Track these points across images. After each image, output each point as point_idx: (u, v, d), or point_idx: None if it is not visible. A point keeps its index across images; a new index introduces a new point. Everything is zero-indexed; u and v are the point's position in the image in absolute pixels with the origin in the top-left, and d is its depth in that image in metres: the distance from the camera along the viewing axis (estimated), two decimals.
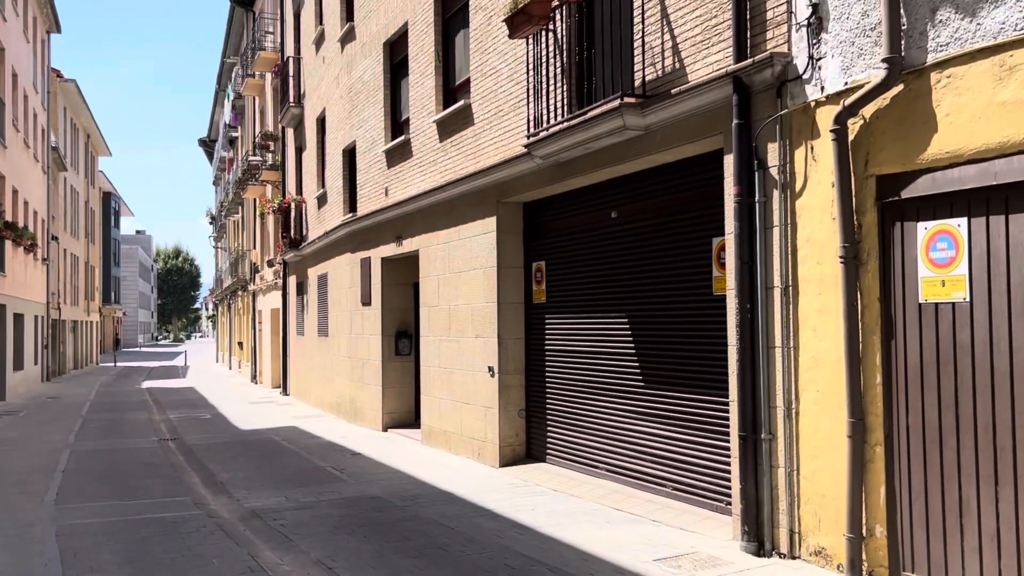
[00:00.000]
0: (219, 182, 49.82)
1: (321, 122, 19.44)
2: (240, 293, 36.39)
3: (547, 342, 10.31)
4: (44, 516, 8.43)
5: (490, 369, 10.63)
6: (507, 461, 10.49)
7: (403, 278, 14.79)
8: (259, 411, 19.72)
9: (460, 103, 11.38)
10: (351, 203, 16.84)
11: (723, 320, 7.30)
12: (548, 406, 10.28)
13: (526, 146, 9.12)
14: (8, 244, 23.06)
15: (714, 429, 7.55)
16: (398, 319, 14.76)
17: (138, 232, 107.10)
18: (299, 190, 22.23)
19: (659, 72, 7.56)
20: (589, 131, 8.01)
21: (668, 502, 8.01)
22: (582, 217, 9.60)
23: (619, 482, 8.86)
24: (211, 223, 52.89)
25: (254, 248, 31.22)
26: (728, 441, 7.20)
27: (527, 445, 10.64)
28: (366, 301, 15.36)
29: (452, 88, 12.22)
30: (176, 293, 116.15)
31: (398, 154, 13.75)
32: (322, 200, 19.00)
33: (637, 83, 7.69)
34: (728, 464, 7.24)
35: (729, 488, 7.24)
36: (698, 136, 7.15)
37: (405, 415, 14.78)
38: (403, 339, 14.70)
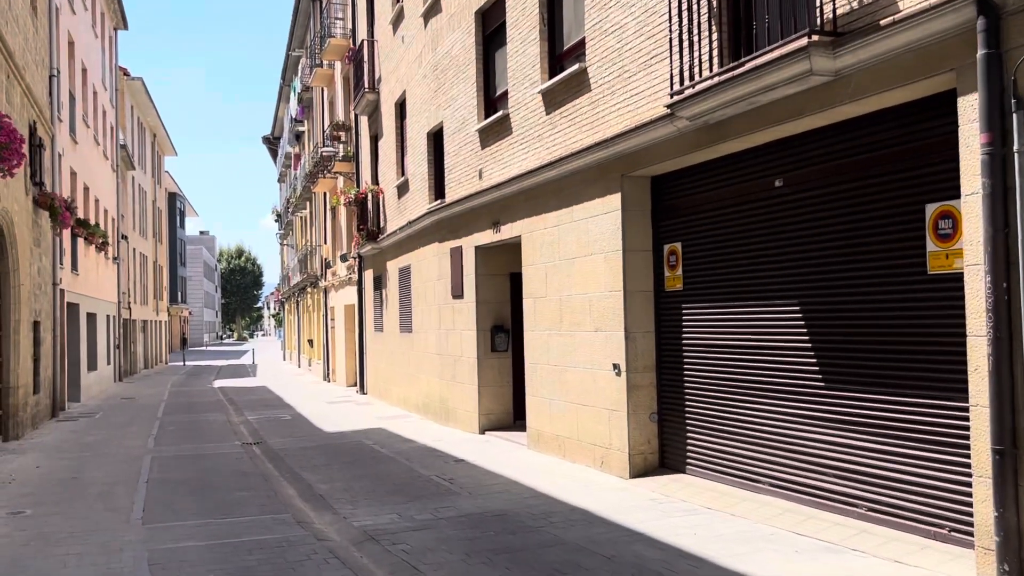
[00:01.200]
0: (284, 179, 49.49)
1: (400, 106, 18.40)
2: (309, 290, 35.78)
3: (685, 335, 9.02)
4: (133, 539, 7.45)
5: (615, 367, 9.37)
6: (638, 471, 9.23)
7: (499, 268, 13.62)
8: (339, 411, 18.80)
9: (572, 68, 10.13)
10: (438, 189, 15.74)
11: (945, 305, 5.92)
12: (687, 409, 8.99)
13: (669, 106, 7.83)
14: (80, 242, 22.59)
15: (933, 439, 6.17)
16: (493, 312, 13.60)
17: (202, 233, 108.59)
18: (375, 180, 21.26)
19: (853, 4, 6.20)
20: (759, 81, 6.69)
21: (863, 526, 6.66)
22: (732, 188, 8.28)
23: (789, 499, 7.53)
24: (277, 220, 52.65)
25: (325, 243, 30.48)
26: (959, 454, 5.83)
27: (660, 453, 9.36)
28: (457, 294, 14.24)
29: (559, 55, 10.98)
30: (239, 292, 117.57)
31: (494, 132, 12.57)
32: (403, 189, 17.96)
33: (824, 20, 6.34)
34: (959, 482, 5.87)
35: (958, 512, 5.87)
36: (913, 78, 5.78)
37: (503, 416, 13.62)
38: (499, 334, 13.54)
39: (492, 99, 13.13)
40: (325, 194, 29.82)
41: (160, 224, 50.37)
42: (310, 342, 36.33)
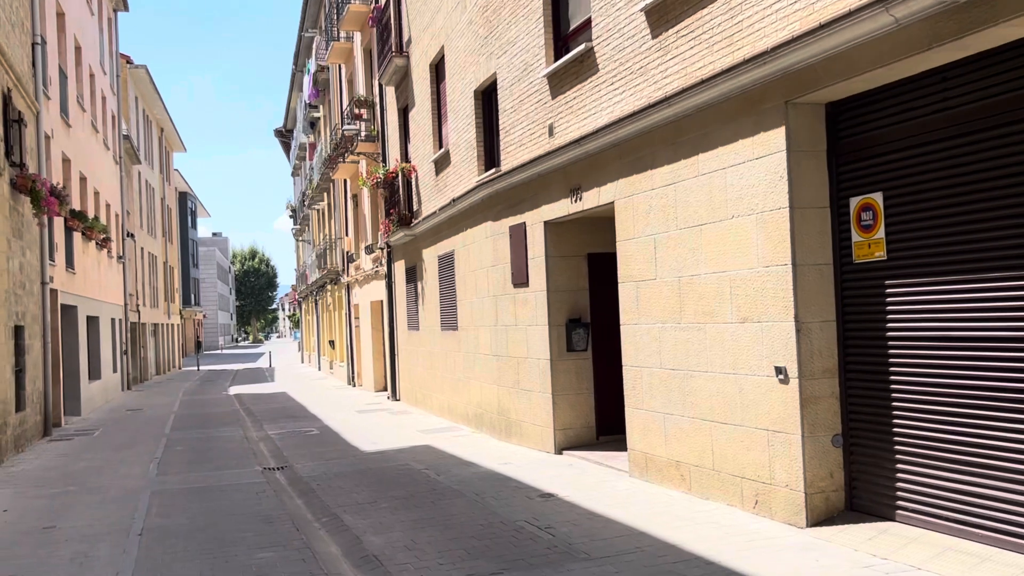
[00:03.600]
0: (299, 172, 47.07)
1: (436, 67, 15.82)
2: (329, 287, 33.29)
3: (889, 325, 6.37)
4: None
5: (779, 371, 6.74)
6: (819, 517, 6.59)
7: (575, 247, 11.03)
8: (373, 422, 16.27)
9: None
10: (489, 158, 13.14)
11: None
12: (896, 429, 6.34)
13: None
14: (77, 237, 20.15)
15: None
16: (569, 303, 11.00)
17: (215, 234, 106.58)
18: (405, 158, 18.69)
19: None
20: None
21: None
22: (977, 107, 5.63)
23: None
24: (291, 216, 50.27)
25: (346, 235, 27.96)
26: None
27: (848, 491, 6.71)
28: (520, 281, 11.64)
29: None
30: (253, 294, 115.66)
31: (571, 75, 9.96)
32: (442, 163, 15.37)
33: None
34: None
35: None
36: None
37: (584, 432, 11.01)
38: (577, 329, 10.93)
39: (564, 36, 10.51)
40: (346, 181, 27.31)
41: (170, 223, 48.05)
42: (331, 343, 33.85)
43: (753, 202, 6.98)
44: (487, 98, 13.20)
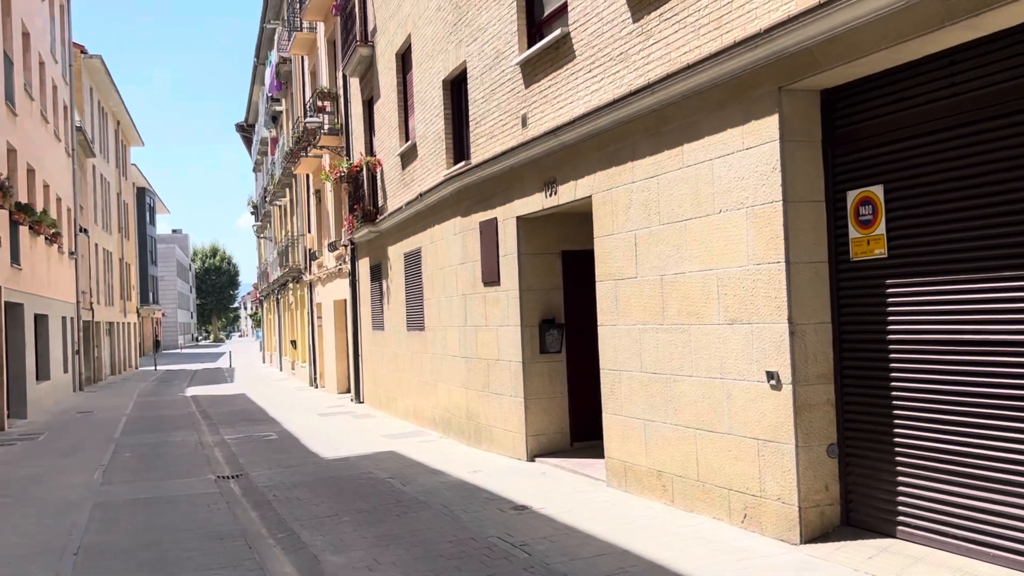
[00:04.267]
0: (260, 167, 46.03)
1: (403, 57, 15.22)
2: (291, 285, 32.45)
3: (889, 327, 5.95)
4: None
5: (770, 376, 6.30)
6: (813, 533, 6.15)
7: (549, 244, 10.53)
8: (335, 426, 15.63)
9: None
10: (458, 150, 12.59)
11: None
12: (897, 440, 5.92)
13: None
14: (24, 232, 19.20)
15: None
16: (542, 303, 10.49)
17: (174, 231, 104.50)
18: (369, 151, 18.06)
19: None
20: None
21: None
22: (989, 92, 5.22)
23: None
24: (253, 212, 49.21)
25: (309, 232, 27.20)
26: None
27: (844, 505, 6.28)
28: (491, 279, 11.11)
29: None
30: (215, 293, 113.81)
31: (545, 62, 9.45)
32: (408, 156, 14.78)
33: None
34: None
35: None
36: None
37: (557, 438, 10.52)
38: (551, 331, 10.43)
39: (538, 22, 10.00)
40: (308, 176, 26.57)
41: (127, 219, 46.72)
42: (293, 343, 33.02)
43: (743, 195, 6.53)
44: (456, 88, 12.65)
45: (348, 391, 22.31)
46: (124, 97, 38.89)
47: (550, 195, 9.54)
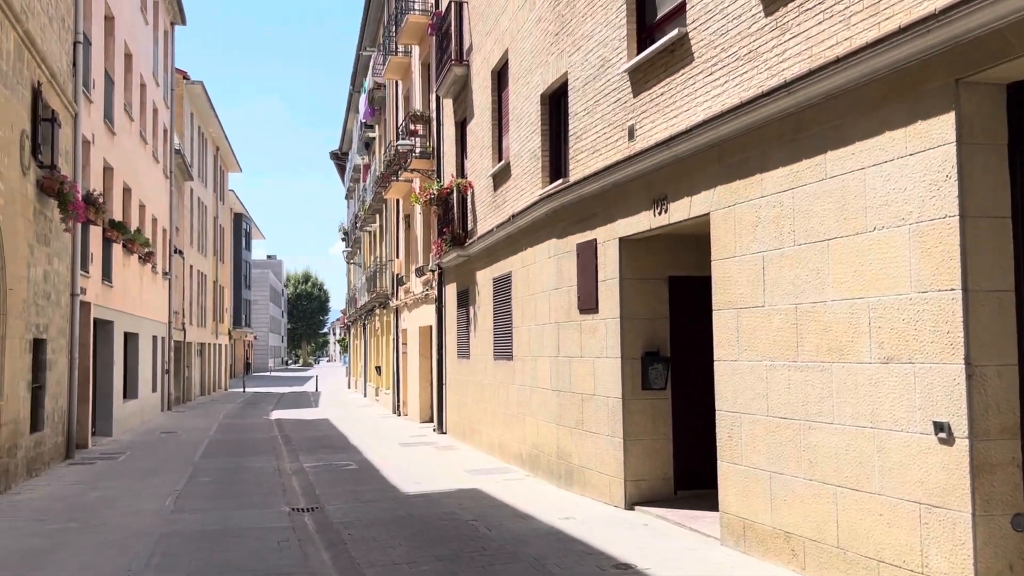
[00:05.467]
0: (352, 194, 46.41)
1: (498, 74, 14.59)
2: (378, 311, 32.19)
3: None
4: None
5: (939, 428, 5.18)
6: None
7: (654, 269, 9.56)
8: (416, 457, 14.88)
9: None
10: (555, 167, 11.79)
11: None
12: None
13: None
14: (117, 249, 19.30)
15: None
16: (645, 333, 9.51)
17: (269, 257, 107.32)
18: (460, 174, 17.47)
19: None
20: None
21: None
22: None
23: None
24: (343, 239, 49.65)
25: (396, 257, 26.85)
26: None
27: None
28: (588, 306, 10.20)
29: None
30: (305, 318, 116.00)
31: (658, 67, 8.57)
32: (501, 177, 14.08)
33: None
34: None
35: None
36: None
37: (660, 484, 9.46)
38: (655, 364, 9.42)
39: (649, 26, 9.14)
40: (398, 201, 26.27)
41: (223, 243, 47.76)
42: (378, 369, 32.69)
43: (905, 209, 5.47)
44: (555, 102, 11.89)
45: (430, 420, 21.63)
46: (223, 121, 39.71)
47: (659, 213, 8.60)
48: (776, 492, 6.77)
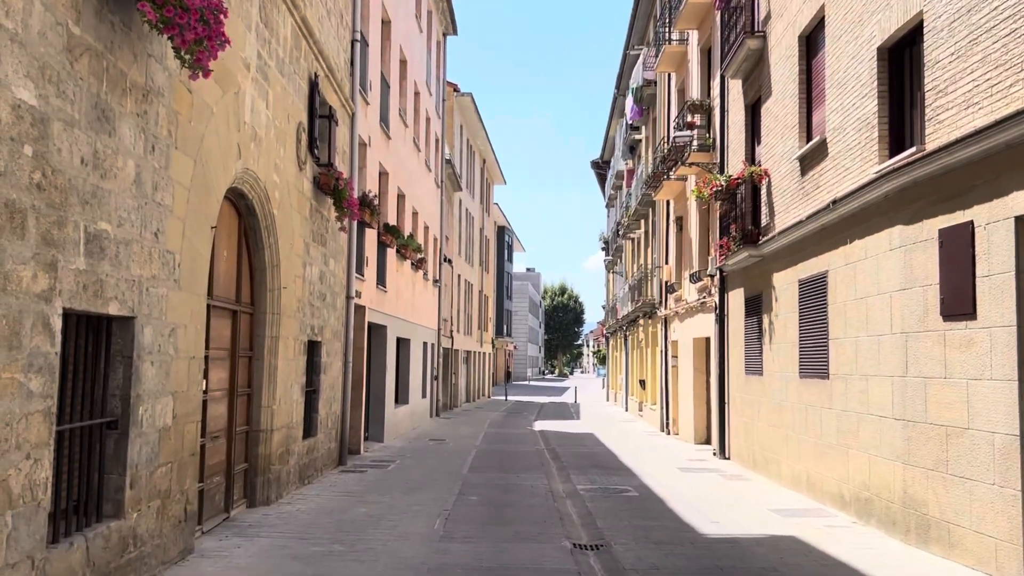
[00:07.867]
0: (613, 202, 45.18)
1: (807, 38, 12.31)
2: (642, 321, 30.45)
3: None
4: None
5: None
6: None
7: None
8: (703, 487, 12.89)
9: None
10: (897, 137, 9.37)
11: None
12: None
13: None
14: (391, 254, 19.20)
15: None
16: None
17: (528, 270, 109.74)
18: (751, 162, 15.27)
19: None
20: None
21: None
22: None
23: None
24: (604, 248, 48.59)
25: (666, 263, 24.96)
26: None
27: None
28: (958, 311, 7.72)
29: None
30: (561, 329, 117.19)
31: None
32: (811, 158, 11.77)
33: None
34: None
35: None
36: None
37: None
38: None
39: None
40: (668, 202, 24.38)
41: (488, 254, 48.53)
42: (642, 383, 30.91)
43: None
44: (897, 57, 9.47)
45: (707, 442, 19.48)
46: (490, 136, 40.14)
47: None
48: None
